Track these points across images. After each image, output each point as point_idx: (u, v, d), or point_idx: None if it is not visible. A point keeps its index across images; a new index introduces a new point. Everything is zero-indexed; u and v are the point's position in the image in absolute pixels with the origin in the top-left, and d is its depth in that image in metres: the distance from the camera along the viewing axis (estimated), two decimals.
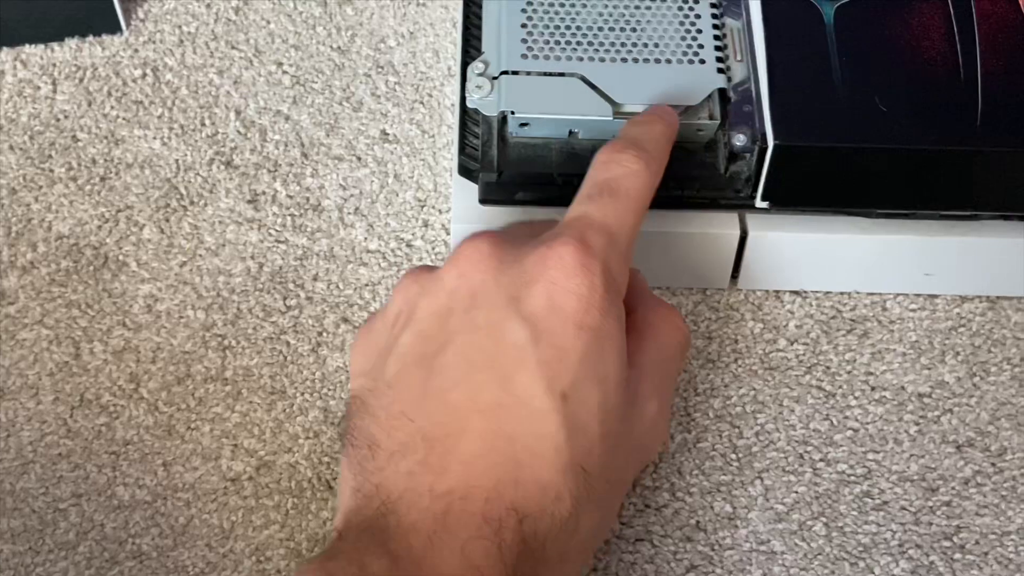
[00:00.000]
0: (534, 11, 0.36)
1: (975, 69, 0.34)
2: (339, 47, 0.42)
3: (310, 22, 0.43)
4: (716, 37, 0.35)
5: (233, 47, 0.42)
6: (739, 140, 0.33)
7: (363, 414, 0.27)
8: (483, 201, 0.34)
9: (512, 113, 0.33)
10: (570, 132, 0.34)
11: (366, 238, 0.38)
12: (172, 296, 0.36)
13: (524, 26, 0.35)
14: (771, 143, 0.33)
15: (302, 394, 0.34)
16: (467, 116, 0.35)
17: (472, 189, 0.34)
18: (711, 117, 0.34)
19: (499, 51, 0.35)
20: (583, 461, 0.25)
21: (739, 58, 0.35)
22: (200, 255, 0.37)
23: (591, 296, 0.26)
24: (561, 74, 0.34)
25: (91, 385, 0.34)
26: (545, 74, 0.34)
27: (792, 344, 0.36)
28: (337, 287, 0.37)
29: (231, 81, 0.41)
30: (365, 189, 0.39)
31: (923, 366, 0.35)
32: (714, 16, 0.36)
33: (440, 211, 0.38)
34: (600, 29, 0.35)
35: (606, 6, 0.36)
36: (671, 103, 0.33)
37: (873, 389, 0.35)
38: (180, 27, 0.42)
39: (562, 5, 0.36)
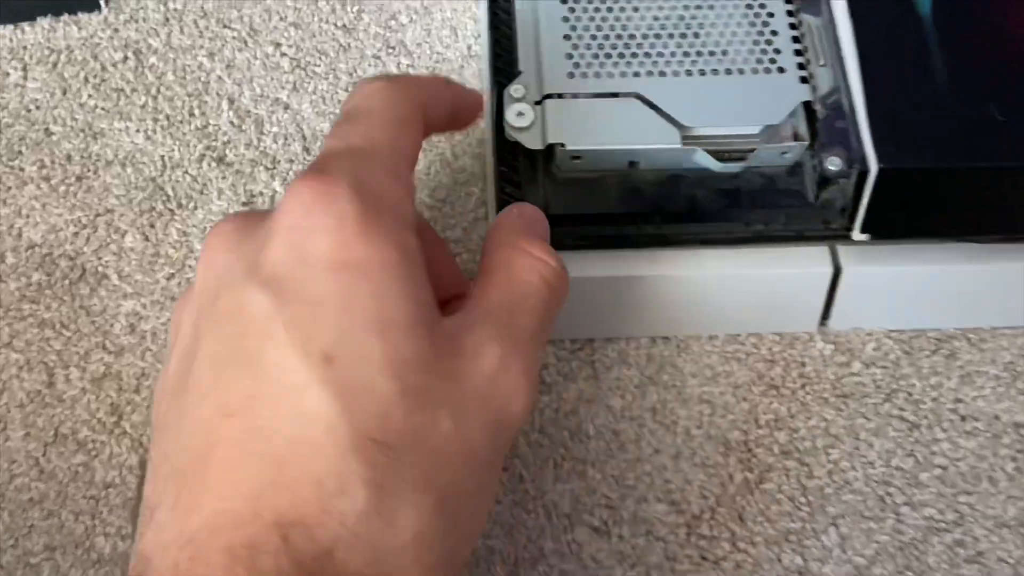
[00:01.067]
0: (577, 18, 0.31)
1: None
2: (344, 25, 0.37)
3: None
4: (795, 39, 0.30)
5: (225, 26, 0.37)
6: (833, 164, 0.28)
7: (147, 475, 0.22)
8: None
9: (562, 146, 0.28)
10: (630, 163, 0.29)
11: None
12: (159, 313, 0.32)
13: (568, 37, 0.30)
14: (873, 167, 0.27)
15: None
16: (503, 148, 0.29)
17: None
18: (797, 137, 0.29)
19: (540, 70, 0.30)
20: (375, 432, 0.20)
21: (823, 62, 0.30)
22: (190, 266, 0.33)
23: (341, 226, 0.21)
24: (615, 94, 0.29)
25: (67, 418, 0.30)
26: (597, 95, 0.29)
27: (868, 367, 0.31)
28: None
29: (223, 65, 0.36)
30: None
31: (1019, 391, 0.31)
32: (790, 14, 0.31)
33: (460, 212, 0.34)
34: (657, 36, 0.30)
35: (661, 8, 0.31)
36: (747, 122, 0.29)
37: (963, 419, 0.30)
38: (166, 3, 0.38)
39: (610, 9, 0.31)
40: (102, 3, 0.37)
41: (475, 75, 0.36)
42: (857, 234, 0.29)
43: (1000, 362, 0.31)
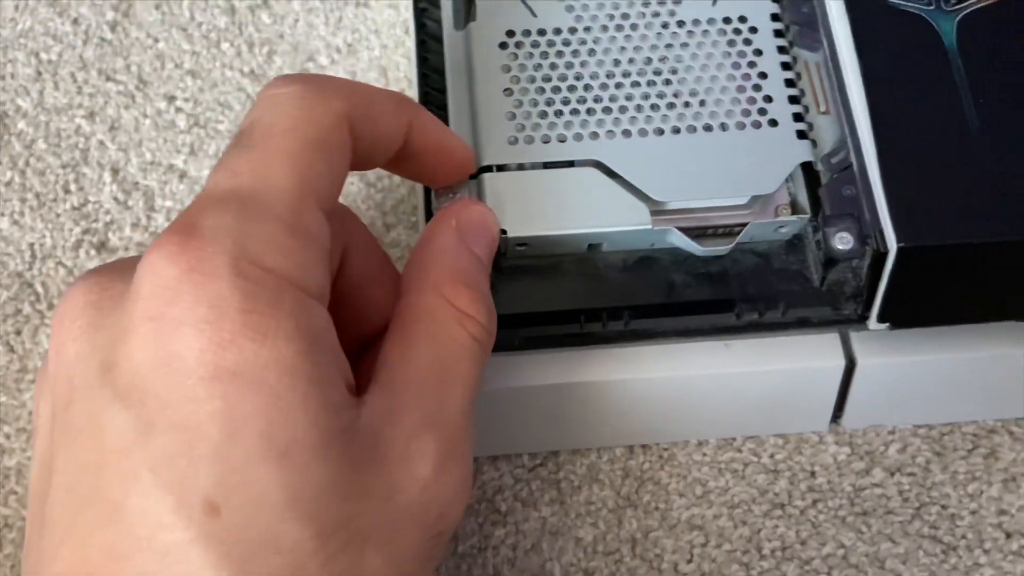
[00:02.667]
0: (521, 66, 0.25)
1: None
2: (252, 70, 0.32)
3: (212, 37, 0.32)
4: (789, 82, 0.24)
5: (109, 78, 0.31)
6: (842, 242, 0.22)
7: None
8: None
9: (504, 233, 0.23)
10: (590, 246, 0.23)
11: None
12: (24, 445, 0.26)
13: (509, 92, 0.24)
14: (893, 246, 0.21)
15: None
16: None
17: None
18: (796, 208, 0.23)
19: (475, 134, 0.24)
20: None
21: (824, 109, 0.24)
22: None
23: (219, 317, 0.16)
24: (569, 163, 0.23)
25: None
26: (546, 165, 0.23)
27: (893, 475, 0.25)
28: None
29: (106, 127, 0.30)
30: None
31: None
32: (781, 50, 0.25)
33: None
34: (619, 85, 0.24)
35: (624, 48, 0.25)
36: (734, 192, 0.23)
37: (1009, 536, 0.25)
38: (37, 54, 0.32)
39: (560, 53, 0.25)
40: None
41: None
42: (874, 323, 0.23)
43: None
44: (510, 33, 0.25)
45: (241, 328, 0.16)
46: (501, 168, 0.23)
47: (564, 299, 0.23)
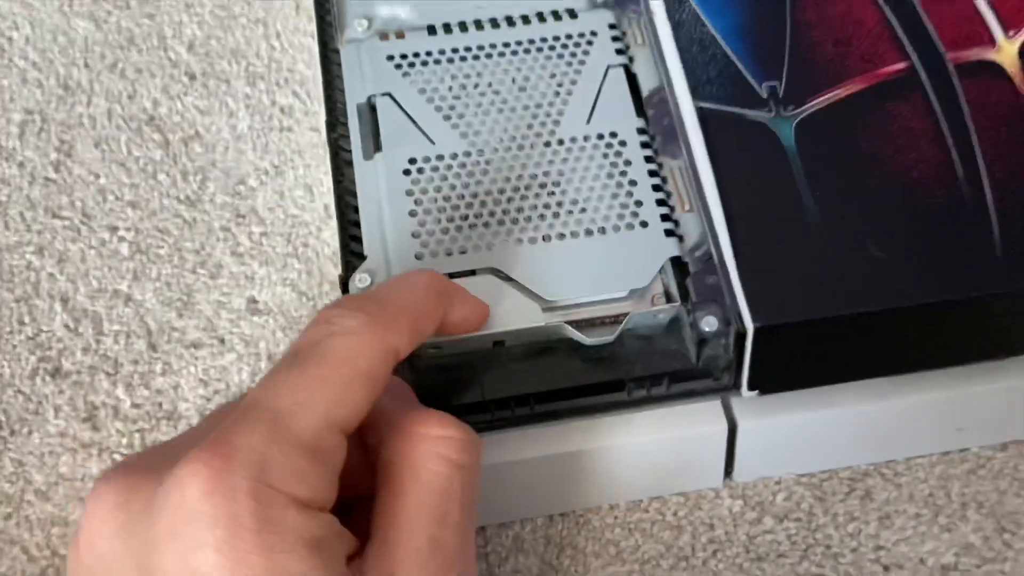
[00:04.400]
0: (423, 190, 0.28)
1: (980, 180, 0.27)
2: (188, 197, 0.35)
3: (149, 169, 0.35)
4: (656, 187, 0.28)
5: (55, 215, 0.34)
6: (708, 324, 0.26)
7: None
8: None
9: None
10: (495, 343, 0.27)
11: None
12: None
13: (413, 213, 0.28)
14: (749, 325, 0.25)
15: None
16: None
17: None
18: (669, 297, 0.27)
19: (385, 252, 0.27)
20: None
21: (688, 207, 0.28)
22: (28, 502, 0.29)
23: (235, 537, 0.18)
24: (472, 272, 0.27)
25: None
26: (450, 275, 0.27)
27: (781, 521, 0.29)
28: None
29: (54, 260, 0.33)
30: (232, 380, 0.31)
31: (942, 527, 0.29)
32: (648, 160, 0.29)
33: None
34: (510, 199, 0.28)
35: (512, 166, 0.28)
36: (614, 287, 0.26)
37: (887, 569, 0.28)
38: None
39: (456, 174, 0.28)
40: None
41: (335, 235, 0.33)
42: (745, 391, 0.27)
43: (919, 497, 0.29)
44: (412, 160, 0.29)
45: (253, 546, 0.19)
46: None
47: (475, 392, 0.26)
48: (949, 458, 0.29)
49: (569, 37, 0.31)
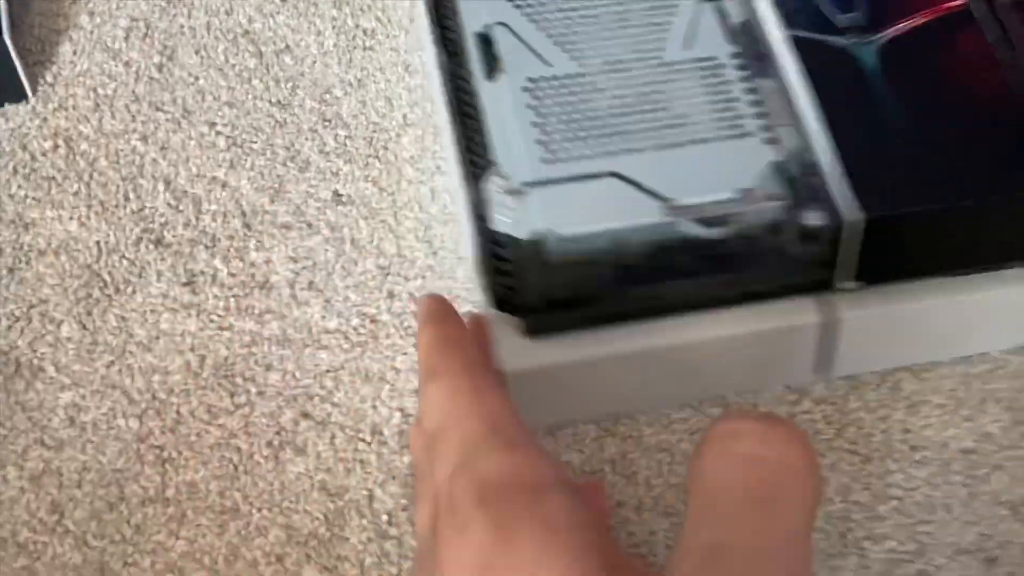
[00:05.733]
0: (541, 103, 0.31)
1: None
2: (279, 101, 0.37)
3: (244, 75, 0.38)
4: (755, 103, 0.31)
5: (158, 108, 0.37)
6: (813, 219, 0.29)
7: None
8: (531, 333, 0.29)
9: (551, 233, 0.28)
10: (617, 239, 0.29)
11: (324, 316, 0.33)
12: (99, 404, 0.31)
13: (536, 125, 0.30)
14: (858, 217, 0.28)
15: (259, 510, 0.29)
16: (488, 240, 0.29)
17: (512, 320, 0.29)
18: (772, 197, 0.29)
19: (513, 157, 0.30)
20: None
21: (784, 122, 0.31)
22: (130, 352, 0.32)
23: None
24: (594, 175, 0.30)
25: (6, 520, 0.29)
26: (575, 178, 0.29)
27: (819, 404, 0.31)
28: (294, 376, 0.31)
29: (157, 147, 0.36)
30: (319, 260, 0.34)
31: (964, 418, 0.31)
32: (744, 80, 0.32)
33: (406, 278, 0.34)
34: (623, 114, 0.31)
35: (620, 86, 0.31)
36: (724, 187, 0.29)
37: (913, 448, 0.31)
38: (95, 90, 0.37)
39: (572, 92, 0.31)
40: (29, 93, 0.37)
41: (413, 141, 0.36)
42: (844, 283, 0.29)
43: (943, 391, 0.32)
44: (531, 80, 0.32)
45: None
46: (540, 183, 0.29)
47: (602, 282, 0.29)
48: (970, 359, 0.32)
49: None
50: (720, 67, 0.32)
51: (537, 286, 0.29)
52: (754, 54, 0.32)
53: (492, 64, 0.32)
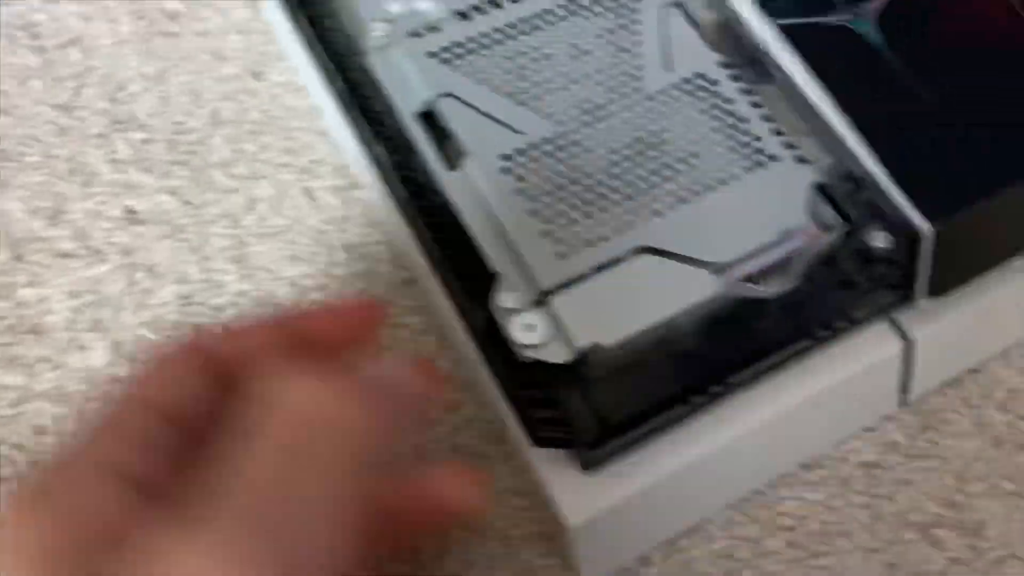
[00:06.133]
0: (528, 183, 0.25)
1: None
2: (62, 104, 0.32)
3: (22, 75, 0.32)
4: (767, 118, 0.26)
5: None
6: (878, 240, 0.24)
7: None
8: (589, 468, 0.23)
9: (597, 345, 0.23)
10: (669, 326, 0.24)
11: (110, 362, 0.27)
12: None
13: (533, 213, 0.24)
14: (928, 229, 0.23)
15: None
16: (517, 375, 0.23)
17: (561, 457, 0.23)
18: (826, 226, 0.24)
19: (522, 263, 0.24)
20: None
21: (804, 132, 0.25)
22: None
23: None
24: (621, 258, 0.24)
25: None
26: (601, 267, 0.24)
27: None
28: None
29: None
30: (106, 293, 0.28)
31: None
32: (745, 92, 0.26)
33: (215, 308, 0.28)
34: (625, 171, 0.25)
35: (609, 137, 0.25)
36: (770, 230, 0.24)
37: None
38: None
39: (559, 160, 0.25)
40: None
41: (225, 142, 0.31)
42: (924, 300, 0.25)
43: None
44: (506, 156, 0.25)
45: None
46: (563, 287, 0.23)
47: (663, 383, 0.23)
48: None
49: None
50: (713, 83, 0.26)
51: (591, 412, 0.23)
52: (745, 59, 0.27)
53: (450, 149, 0.25)
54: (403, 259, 0.29)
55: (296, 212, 0.30)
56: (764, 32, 0.26)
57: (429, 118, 0.26)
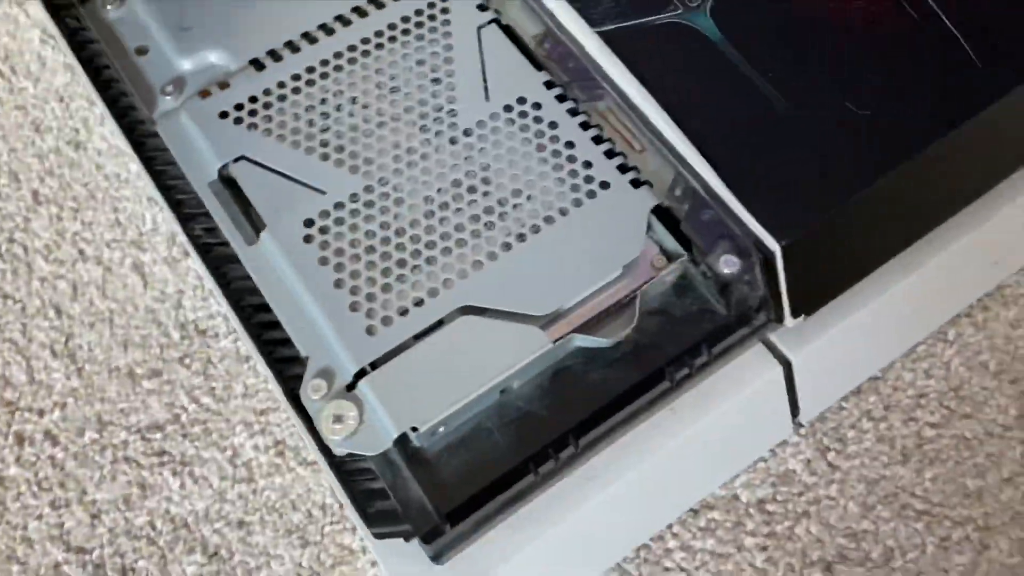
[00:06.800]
0: (333, 250, 0.22)
1: (933, 10, 0.22)
2: None
3: None
4: (596, 139, 0.23)
5: None
6: (728, 264, 0.21)
7: None
8: (439, 558, 0.21)
9: (414, 430, 0.20)
10: (502, 391, 0.21)
11: None
12: None
13: (339, 284, 0.21)
14: (776, 247, 0.20)
15: None
16: (341, 467, 0.21)
17: (404, 548, 0.21)
18: (668, 256, 0.22)
19: (326, 342, 0.21)
20: None
21: (639, 148, 0.23)
22: None
23: None
24: (439, 323, 0.21)
25: None
26: (418, 336, 0.21)
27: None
28: None
29: None
30: None
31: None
32: (573, 112, 0.23)
33: (41, 412, 0.26)
34: (445, 219, 0.22)
35: (425, 182, 0.23)
36: (607, 269, 0.21)
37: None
38: None
39: (368, 218, 0.22)
40: None
41: (46, 225, 0.28)
42: (790, 321, 0.22)
43: None
44: (309, 222, 0.23)
45: None
46: (375, 365, 0.21)
47: (500, 455, 0.21)
48: None
49: (419, 13, 0.25)
50: (537, 107, 0.23)
51: (422, 500, 0.20)
52: (570, 74, 0.24)
53: (246, 219, 0.23)
54: (238, 334, 0.26)
55: (126, 292, 0.28)
56: (589, 42, 0.23)
57: (232, 184, 0.24)
